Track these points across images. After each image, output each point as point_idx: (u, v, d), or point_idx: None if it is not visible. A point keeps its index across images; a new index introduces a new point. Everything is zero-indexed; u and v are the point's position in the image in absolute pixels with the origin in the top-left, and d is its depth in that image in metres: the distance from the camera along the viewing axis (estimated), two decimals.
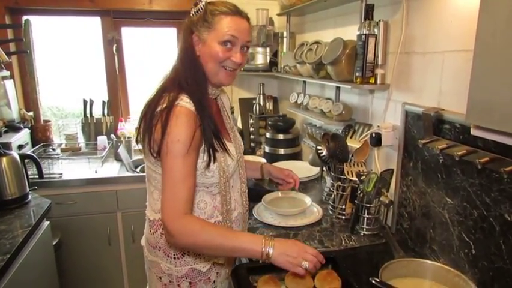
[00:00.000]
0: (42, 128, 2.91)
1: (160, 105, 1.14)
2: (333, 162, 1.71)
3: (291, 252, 1.07)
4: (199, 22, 1.16)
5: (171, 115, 1.10)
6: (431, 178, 1.34)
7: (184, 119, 1.10)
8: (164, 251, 1.25)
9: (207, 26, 1.15)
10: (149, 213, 1.30)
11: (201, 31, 1.16)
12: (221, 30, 1.14)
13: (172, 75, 1.22)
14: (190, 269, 1.25)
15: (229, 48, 1.16)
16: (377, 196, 1.51)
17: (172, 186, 1.09)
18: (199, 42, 1.18)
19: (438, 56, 1.32)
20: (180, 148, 1.08)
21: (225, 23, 1.14)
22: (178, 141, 1.08)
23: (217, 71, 1.19)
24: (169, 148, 1.09)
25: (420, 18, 1.40)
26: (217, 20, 1.14)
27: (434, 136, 1.29)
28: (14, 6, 2.70)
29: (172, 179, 1.09)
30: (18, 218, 1.82)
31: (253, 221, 1.69)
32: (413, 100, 1.45)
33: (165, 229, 1.10)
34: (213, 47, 1.15)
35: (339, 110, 1.85)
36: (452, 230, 1.24)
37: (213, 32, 1.15)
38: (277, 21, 2.78)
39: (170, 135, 1.09)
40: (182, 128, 1.09)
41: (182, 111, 1.11)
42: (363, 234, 1.56)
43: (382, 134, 1.56)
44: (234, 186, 1.32)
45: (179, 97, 1.14)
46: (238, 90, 3.12)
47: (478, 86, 0.75)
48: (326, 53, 1.74)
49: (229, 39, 1.15)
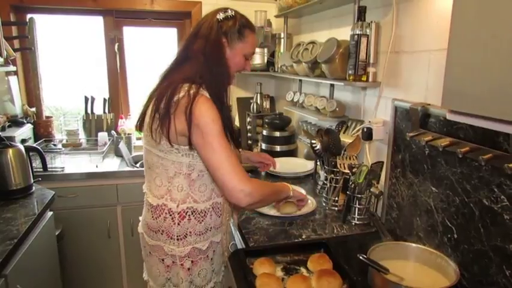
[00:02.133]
0: (44, 123, 2.97)
1: (176, 95, 1.20)
2: (327, 156, 1.80)
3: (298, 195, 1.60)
4: (233, 30, 1.30)
5: (197, 102, 1.18)
6: (417, 169, 1.43)
7: (210, 103, 1.20)
8: (168, 233, 1.33)
9: (240, 37, 1.31)
10: (151, 200, 1.37)
11: (233, 39, 1.30)
12: (249, 44, 1.34)
13: (190, 70, 1.28)
14: (192, 249, 1.34)
15: (247, 59, 1.37)
16: (367, 187, 1.59)
17: (227, 159, 1.19)
18: (227, 46, 1.31)
19: (425, 55, 1.41)
20: (218, 126, 1.19)
21: (252, 40, 1.35)
22: (213, 121, 1.18)
23: (233, 75, 1.38)
24: (209, 129, 1.18)
25: (409, 19, 1.49)
26: (247, 34, 1.33)
27: (420, 129, 1.38)
28: (19, 5, 2.78)
29: (225, 154, 1.19)
30: (23, 207, 1.89)
31: (249, 211, 1.76)
32: (402, 96, 1.54)
33: (242, 193, 1.20)
34: (240, 56, 1.34)
35: (333, 107, 1.93)
36: (437, 217, 1.33)
37: (242, 44, 1.32)
38: (275, 22, 2.86)
39: (203, 118, 1.18)
40: (213, 110, 1.19)
41: (205, 99, 1.20)
42: (354, 223, 1.64)
43: (373, 129, 1.65)
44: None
45: (200, 88, 1.23)
46: (236, 90, 3.21)
47: (452, 76, 0.83)
48: (321, 52, 1.82)
49: (251, 55, 1.38)
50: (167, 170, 1.30)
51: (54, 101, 3.34)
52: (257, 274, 1.22)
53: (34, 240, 1.77)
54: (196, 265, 1.36)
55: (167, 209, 1.32)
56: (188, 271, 1.35)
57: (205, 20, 1.32)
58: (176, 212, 1.32)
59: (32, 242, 1.75)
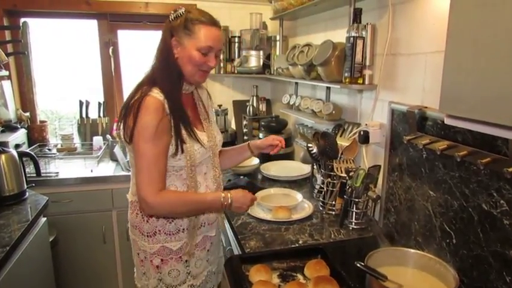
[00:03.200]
0: (39, 128, 2.94)
1: (134, 98, 1.28)
2: (324, 160, 1.78)
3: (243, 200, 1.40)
4: (180, 28, 1.29)
5: (142, 105, 1.24)
6: (415, 173, 1.41)
7: (152, 107, 1.24)
8: (140, 229, 1.39)
9: (187, 33, 1.28)
10: (129, 196, 1.46)
11: (181, 36, 1.29)
12: (200, 39, 1.28)
13: (149, 73, 1.36)
14: (162, 247, 1.38)
15: (205, 55, 1.31)
16: (365, 191, 1.58)
17: (146, 168, 1.25)
18: (178, 45, 1.31)
19: (422, 57, 1.39)
20: (150, 133, 1.23)
21: (203, 33, 1.28)
22: (147, 128, 1.23)
23: (195, 73, 1.34)
24: (140, 134, 1.23)
25: (405, 21, 1.47)
26: (197, 28, 1.28)
27: (418, 133, 1.36)
28: (12, 9, 2.75)
29: (146, 161, 1.24)
30: (16, 213, 1.86)
31: (246, 216, 1.75)
32: (399, 99, 1.53)
33: (145, 204, 1.26)
34: (192, 52, 1.29)
35: (330, 110, 1.92)
36: (435, 222, 1.31)
37: (192, 39, 1.29)
38: (270, 25, 2.85)
39: (140, 122, 1.23)
40: (151, 115, 1.23)
41: (151, 100, 1.25)
42: (351, 228, 1.62)
43: (370, 132, 1.63)
44: (207, 173, 1.45)
45: (151, 89, 1.28)
46: (232, 93, 3.19)
47: (449, 81, 0.82)
48: (317, 54, 1.81)
49: (207, 49, 1.30)
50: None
51: (50, 105, 3.31)
52: (253, 282, 1.20)
53: (27, 247, 1.75)
54: (166, 264, 1.39)
55: (138, 206, 1.36)
56: (157, 268, 1.39)
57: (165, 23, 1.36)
58: None
59: (25, 249, 1.73)
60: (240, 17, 2.92)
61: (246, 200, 1.42)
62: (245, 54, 2.77)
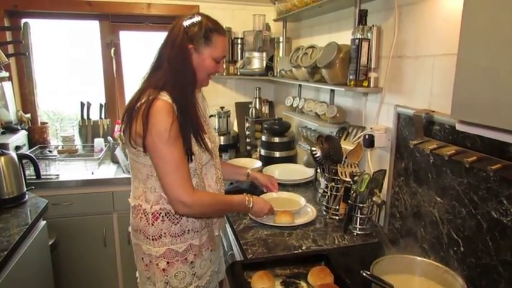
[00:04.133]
0: (39, 129, 2.92)
1: (140, 101, 1.26)
2: (327, 163, 1.75)
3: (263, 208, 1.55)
4: (198, 35, 1.30)
5: (152, 109, 1.22)
6: (421, 178, 1.38)
7: (165, 111, 1.23)
8: (144, 233, 1.38)
9: (206, 42, 1.31)
10: (131, 200, 1.44)
11: (199, 44, 1.31)
12: (217, 49, 1.34)
13: (158, 75, 1.32)
14: (167, 250, 1.37)
15: (218, 63, 1.38)
16: (369, 196, 1.54)
17: (175, 169, 1.25)
18: (194, 52, 1.32)
19: (429, 60, 1.36)
20: (168, 136, 1.22)
21: (220, 43, 1.34)
22: (165, 131, 1.22)
23: (204, 79, 1.40)
24: (158, 138, 1.22)
25: (412, 23, 1.44)
26: (214, 38, 1.32)
27: (424, 137, 1.33)
28: (13, 10, 2.73)
29: (173, 163, 1.25)
30: (15, 216, 1.84)
31: (249, 221, 1.72)
32: (405, 103, 1.50)
33: (182, 204, 1.27)
34: (208, 61, 1.34)
35: (334, 113, 1.89)
36: (442, 229, 1.28)
37: (210, 49, 1.33)
38: (274, 26, 2.83)
39: (155, 127, 1.22)
40: (166, 118, 1.22)
41: (162, 104, 1.23)
42: (356, 233, 1.59)
43: (375, 136, 1.60)
44: (207, 173, 1.44)
45: (160, 93, 1.26)
46: (234, 94, 3.16)
47: (462, 84, 0.78)
48: (321, 56, 1.78)
49: (222, 58, 1.38)
50: (141, 172, 1.35)
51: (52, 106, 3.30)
52: None
53: (26, 251, 1.73)
54: (172, 267, 1.38)
55: (142, 210, 1.37)
56: (163, 272, 1.38)
57: (173, 27, 1.34)
58: (150, 213, 1.36)
59: (24, 252, 1.71)
60: (243, 19, 2.90)
61: (266, 207, 1.55)
62: (248, 56, 2.74)
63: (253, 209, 1.50)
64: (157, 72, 1.33)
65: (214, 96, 3.10)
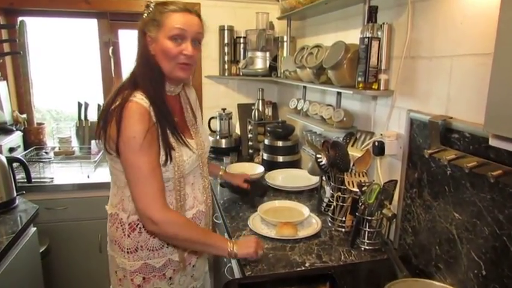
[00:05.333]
0: (36, 130, 2.83)
1: (114, 104, 1.16)
2: (333, 172, 1.63)
3: (248, 248, 1.31)
4: (150, 22, 1.20)
5: (124, 112, 1.12)
6: (437, 191, 1.25)
7: (137, 115, 1.13)
8: (119, 245, 1.28)
9: (156, 24, 1.19)
10: (108, 207, 1.35)
11: (151, 30, 1.20)
12: (169, 25, 1.18)
13: (129, 77, 1.25)
14: (144, 264, 1.27)
15: (179, 43, 1.19)
16: (379, 208, 1.42)
17: (143, 181, 1.14)
18: (152, 41, 1.21)
19: (446, 61, 1.23)
20: (138, 143, 1.12)
21: (173, 19, 1.18)
22: (134, 138, 1.11)
23: (173, 68, 1.22)
24: (127, 146, 1.12)
25: (427, 20, 1.32)
26: (165, 17, 1.18)
27: (441, 146, 1.20)
28: (8, 7, 2.63)
29: (142, 174, 1.14)
30: (3, 223, 1.74)
31: (248, 232, 1.60)
32: (419, 107, 1.37)
33: (150, 221, 1.15)
34: (164, 43, 1.18)
35: (340, 117, 1.77)
36: (461, 248, 1.15)
37: (162, 29, 1.18)
38: (278, 25, 2.71)
39: (125, 132, 1.12)
40: (137, 124, 1.12)
41: (135, 107, 1.13)
42: (363, 249, 1.47)
43: (385, 143, 1.48)
44: (195, 183, 1.34)
45: (133, 94, 1.16)
46: (236, 96, 3.05)
47: (499, 92, 0.66)
48: (327, 57, 1.66)
49: (178, 33, 1.18)
50: (119, 179, 1.25)
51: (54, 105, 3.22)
52: None
53: (14, 259, 1.65)
54: (148, 283, 1.29)
55: (118, 219, 1.28)
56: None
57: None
58: (127, 223, 1.26)
59: (12, 260, 1.63)
60: (245, 17, 2.79)
61: (250, 244, 1.33)
62: (251, 56, 2.63)
63: (239, 254, 1.30)
64: (131, 73, 1.25)
65: (215, 97, 3.00)
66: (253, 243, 1.33)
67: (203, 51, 2.81)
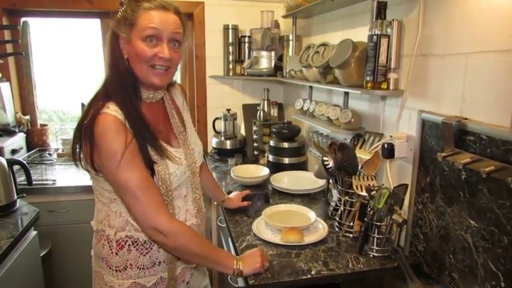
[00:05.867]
0: (39, 132, 2.80)
1: (87, 117, 1.05)
2: (341, 175, 1.56)
3: (254, 264, 1.24)
4: (122, 21, 1.08)
5: (97, 126, 1.02)
6: (451, 196, 1.18)
7: (112, 127, 1.02)
8: (107, 262, 1.18)
9: (128, 23, 1.06)
10: (94, 223, 1.26)
11: (123, 30, 1.07)
12: (142, 24, 1.05)
13: (101, 86, 1.13)
14: (133, 283, 1.18)
15: (154, 44, 1.07)
16: (388, 214, 1.36)
17: (141, 196, 1.05)
18: (125, 43, 1.09)
19: (461, 58, 1.17)
20: (120, 158, 1.01)
21: (146, 17, 1.06)
22: (115, 154, 1.01)
23: (147, 72, 1.10)
24: (110, 163, 1.02)
25: (440, 16, 1.25)
26: (138, 15, 1.05)
27: (455, 149, 1.14)
28: (11, 8, 2.61)
29: (137, 189, 1.04)
30: (2, 227, 1.70)
31: (253, 237, 1.55)
32: (431, 108, 1.30)
33: (155, 231, 1.07)
34: (137, 44, 1.06)
35: (348, 118, 1.70)
36: (477, 258, 1.08)
37: (134, 29, 1.06)
38: (283, 23, 2.65)
39: (104, 149, 1.02)
40: (114, 138, 1.02)
41: (108, 119, 1.03)
42: (372, 256, 1.40)
43: (395, 145, 1.42)
44: (188, 195, 1.25)
45: (105, 105, 1.05)
46: (241, 96, 2.99)
47: None
48: (334, 55, 1.60)
49: (152, 34, 1.06)
50: (103, 196, 1.16)
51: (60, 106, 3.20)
52: None
53: (14, 264, 1.61)
54: None
55: (105, 236, 1.18)
56: None
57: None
58: (114, 240, 1.16)
59: (12, 265, 1.59)
60: (250, 16, 2.73)
61: (256, 259, 1.25)
62: (255, 55, 2.57)
63: (245, 272, 1.21)
64: (103, 82, 1.13)
65: (220, 97, 2.94)
66: (259, 257, 1.26)
67: (207, 51, 2.83)
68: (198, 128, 2.96)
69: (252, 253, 1.29)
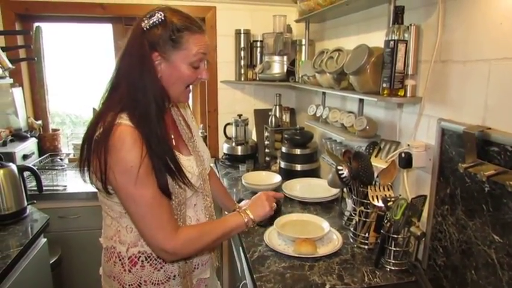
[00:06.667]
0: (50, 137, 2.81)
1: (98, 130, 1.00)
2: (356, 185, 1.51)
3: (262, 207, 1.24)
4: (162, 39, 1.02)
5: (113, 139, 0.97)
6: (473, 209, 1.13)
7: (129, 140, 0.98)
8: (119, 281, 1.14)
9: (173, 45, 1.03)
10: (103, 240, 1.21)
11: (166, 50, 1.03)
12: (190, 50, 1.05)
13: (117, 96, 1.05)
14: None
15: (196, 68, 1.09)
16: (406, 226, 1.30)
17: (150, 212, 1.02)
18: (162, 61, 1.05)
19: (483, 65, 1.11)
20: (136, 173, 0.98)
21: (195, 43, 1.05)
22: (131, 168, 0.97)
23: (182, 92, 1.12)
24: (126, 178, 0.98)
25: (461, 21, 1.20)
26: (186, 39, 1.04)
27: (478, 160, 1.08)
28: (24, 13, 2.62)
29: (147, 206, 1.02)
30: (12, 235, 1.70)
31: (264, 248, 1.51)
32: (451, 116, 1.25)
33: (164, 253, 1.06)
34: (182, 68, 1.06)
35: (363, 125, 1.65)
36: (501, 275, 1.03)
37: (181, 53, 1.04)
38: (295, 28, 2.61)
39: (119, 163, 0.98)
40: (131, 151, 0.98)
41: (125, 131, 0.98)
42: (389, 269, 1.35)
43: (413, 154, 1.36)
44: (198, 203, 1.22)
45: (119, 116, 1.00)
46: (253, 101, 2.96)
47: None
48: (349, 61, 1.55)
49: (201, 59, 1.08)
50: (113, 210, 1.12)
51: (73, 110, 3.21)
52: None
53: (23, 271, 1.60)
54: None
55: (116, 253, 1.13)
56: None
57: (132, 32, 1.09)
58: (126, 257, 1.12)
59: (21, 273, 1.57)
60: (262, 20, 2.70)
61: (262, 203, 1.25)
62: (267, 60, 2.54)
63: (256, 220, 1.21)
64: (116, 92, 1.06)
65: (231, 102, 2.92)
66: (265, 201, 1.25)
67: (219, 56, 2.81)
68: (208, 134, 2.93)
69: (258, 198, 1.27)
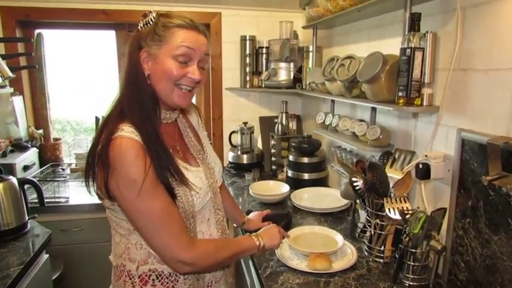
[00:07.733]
0: (52, 146, 2.76)
1: (100, 143, 0.97)
2: (370, 197, 1.47)
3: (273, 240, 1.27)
4: (149, 36, 1.01)
5: (112, 152, 0.93)
6: (498, 223, 1.08)
7: (130, 152, 0.94)
8: None
9: (158, 39, 1.00)
10: (112, 258, 1.16)
11: (151, 45, 1.01)
12: (175, 42, 1.00)
13: (115, 104, 1.04)
14: None
15: (184, 64, 1.03)
16: (425, 239, 1.26)
17: (162, 226, 0.99)
18: (149, 59, 1.02)
19: (507, 74, 1.07)
20: (140, 186, 0.94)
21: (180, 35, 1.01)
22: (135, 182, 0.94)
23: (171, 91, 1.04)
24: (130, 192, 0.94)
25: (482, 28, 1.16)
26: (171, 33, 1.01)
27: (503, 172, 1.04)
28: (25, 20, 2.58)
29: (159, 219, 0.98)
30: (12, 252, 1.62)
31: (276, 263, 1.45)
32: (471, 126, 1.21)
33: (182, 265, 1.02)
34: (166, 62, 1.01)
35: (376, 135, 1.61)
36: None
37: (165, 46, 1.00)
38: (302, 34, 2.57)
39: (122, 178, 0.94)
40: (134, 164, 0.94)
41: (125, 143, 0.94)
42: (408, 285, 1.30)
43: (431, 165, 1.32)
44: (211, 218, 1.18)
45: (119, 127, 0.97)
46: (259, 109, 2.92)
47: None
48: (362, 69, 1.51)
49: (185, 52, 1.01)
50: (121, 227, 1.07)
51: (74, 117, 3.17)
52: None
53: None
54: None
55: (126, 271, 1.08)
56: None
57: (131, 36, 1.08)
58: (137, 276, 1.07)
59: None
60: (268, 26, 2.67)
61: (275, 236, 1.28)
62: (274, 67, 2.50)
63: (266, 247, 1.22)
64: (118, 99, 1.05)
65: (236, 110, 2.87)
66: (277, 233, 1.29)
67: (224, 63, 2.76)
68: (213, 142, 2.88)
69: (272, 229, 1.31)
